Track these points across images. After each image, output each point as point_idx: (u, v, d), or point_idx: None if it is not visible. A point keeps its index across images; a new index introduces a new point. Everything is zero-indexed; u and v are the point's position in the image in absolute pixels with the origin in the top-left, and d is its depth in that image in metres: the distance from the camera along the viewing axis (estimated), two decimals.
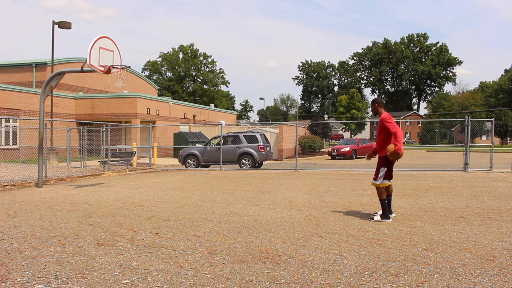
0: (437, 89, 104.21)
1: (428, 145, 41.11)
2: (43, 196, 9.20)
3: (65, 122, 24.80)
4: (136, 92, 29.82)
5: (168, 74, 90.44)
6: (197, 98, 68.67)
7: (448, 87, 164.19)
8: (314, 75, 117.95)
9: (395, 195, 8.98)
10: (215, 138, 20.07)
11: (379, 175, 6.37)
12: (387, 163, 6.38)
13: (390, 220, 6.24)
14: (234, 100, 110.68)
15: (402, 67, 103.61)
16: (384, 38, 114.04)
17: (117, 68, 11.10)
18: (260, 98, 75.39)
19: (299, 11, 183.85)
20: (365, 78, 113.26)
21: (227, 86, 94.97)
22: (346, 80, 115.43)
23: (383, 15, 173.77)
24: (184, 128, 31.23)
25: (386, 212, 6.30)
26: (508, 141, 62.56)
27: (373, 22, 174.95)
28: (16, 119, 22.72)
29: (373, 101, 6.73)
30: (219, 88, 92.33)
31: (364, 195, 9.16)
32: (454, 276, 3.75)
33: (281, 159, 26.21)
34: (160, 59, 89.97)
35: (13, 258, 4.34)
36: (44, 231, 5.64)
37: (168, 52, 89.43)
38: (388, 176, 6.43)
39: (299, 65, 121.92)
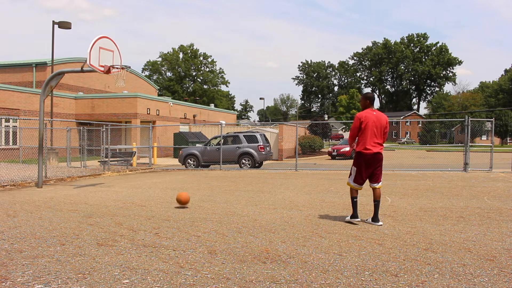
0: (437, 89, 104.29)
1: (428, 145, 41.11)
2: (43, 196, 9.20)
3: (65, 122, 24.79)
4: (136, 92, 29.80)
5: (168, 74, 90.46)
6: (197, 98, 68.69)
7: (448, 87, 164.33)
8: (314, 75, 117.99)
9: (395, 195, 8.98)
10: (215, 138, 20.08)
11: (350, 174, 6.21)
12: (356, 163, 6.08)
13: (357, 219, 6.01)
14: (234, 100, 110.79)
15: (402, 67, 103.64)
16: (384, 38, 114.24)
17: (117, 68, 11.10)
18: (260, 98, 75.41)
19: (299, 11, 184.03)
20: (365, 78, 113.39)
21: (227, 86, 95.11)
22: (346, 80, 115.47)
23: (383, 15, 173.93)
24: (184, 128, 31.22)
25: (354, 211, 6.07)
26: (508, 141, 62.56)
27: (373, 22, 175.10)
28: (16, 119, 22.73)
29: (365, 97, 6.30)
30: (219, 88, 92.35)
31: (364, 195, 9.14)
32: (454, 276, 3.75)
33: (281, 159, 26.21)
34: (160, 59, 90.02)
35: (13, 258, 4.34)
36: (44, 231, 5.64)
37: (168, 52, 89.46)
38: (361, 179, 6.06)
39: (299, 65, 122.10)
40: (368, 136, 5.93)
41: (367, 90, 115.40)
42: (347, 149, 27.18)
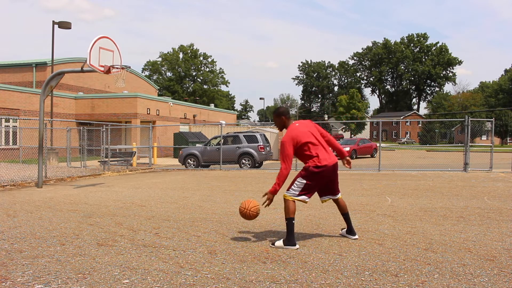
0: (437, 89, 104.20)
1: (428, 145, 41.09)
2: (43, 196, 9.20)
3: (65, 122, 24.79)
4: (136, 92, 29.82)
5: (168, 74, 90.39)
6: (197, 98, 68.69)
7: (448, 87, 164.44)
8: (314, 75, 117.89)
9: (395, 195, 8.98)
10: (215, 138, 20.09)
11: (293, 186, 4.86)
12: (307, 176, 4.82)
13: (296, 247, 4.64)
14: (234, 100, 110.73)
15: (402, 67, 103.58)
16: (384, 38, 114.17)
17: (117, 68, 11.11)
18: (260, 98, 75.43)
19: (299, 11, 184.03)
20: (365, 78, 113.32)
21: (227, 86, 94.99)
22: (346, 80, 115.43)
23: (383, 15, 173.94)
24: (184, 128, 31.23)
25: (291, 236, 4.69)
26: (508, 141, 62.56)
27: (373, 22, 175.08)
28: (16, 119, 22.74)
29: (278, 114, 5.04)
30: (219, 88, 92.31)
31: (364, 195, 9.15)
32: (454, 276, 3.75)
33: None
34: (160, 59, 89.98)
35: (13, 258, 4.34)
36: (44, 231, 5.64)
37: (168, 52, 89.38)
38: (310, 193, 4.84)
39: (299, 65, 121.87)
40: (318, 148, 4.86)
41: (367, 90, 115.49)
42: (347, 149, 27.03)
